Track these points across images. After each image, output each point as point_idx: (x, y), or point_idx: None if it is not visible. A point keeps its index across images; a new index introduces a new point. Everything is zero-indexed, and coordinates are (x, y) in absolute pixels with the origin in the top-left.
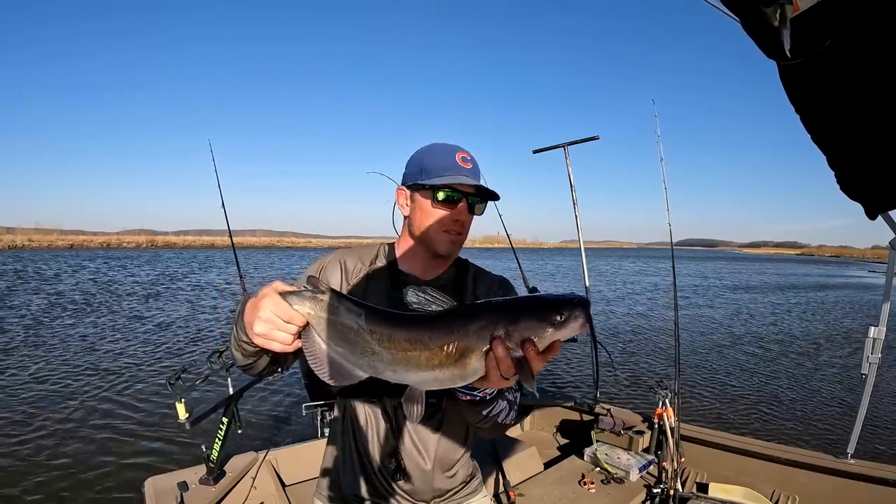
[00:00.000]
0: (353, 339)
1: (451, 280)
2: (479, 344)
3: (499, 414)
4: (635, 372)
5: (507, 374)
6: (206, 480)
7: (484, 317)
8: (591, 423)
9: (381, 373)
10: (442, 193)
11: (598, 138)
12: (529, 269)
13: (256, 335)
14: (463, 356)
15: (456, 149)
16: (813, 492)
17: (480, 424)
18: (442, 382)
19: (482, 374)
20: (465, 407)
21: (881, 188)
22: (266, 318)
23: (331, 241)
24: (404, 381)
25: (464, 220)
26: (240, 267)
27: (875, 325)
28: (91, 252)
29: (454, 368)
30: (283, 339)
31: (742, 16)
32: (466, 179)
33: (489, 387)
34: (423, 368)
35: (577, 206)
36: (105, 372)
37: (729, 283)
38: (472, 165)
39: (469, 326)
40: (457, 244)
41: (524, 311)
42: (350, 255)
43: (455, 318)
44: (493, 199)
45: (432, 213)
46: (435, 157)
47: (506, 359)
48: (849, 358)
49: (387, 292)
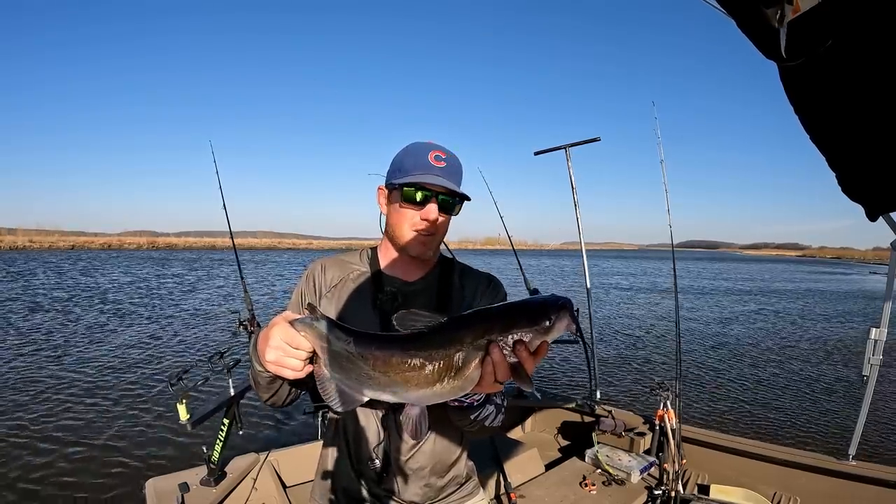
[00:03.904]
0: (349, 367)
1: (435, 280)
2: (474, 354)
3: (486, 417)
4: (636, 373)
5: (503, 378)
6: (207, 481)
7: (478, 326)
8: (592, 424)
9: (382, 395)
10: (409, 192)
11: (600, 139)
12: (530, 270)
13: (268, 363)
14: (460, 369)
15: (431, 147)
16: (814, 493)
17: (468, 428)
18: (442, 397)
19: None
20: (453, 411)
21: (882, 190)
22: (276, 345)
23: (332, 242)
24: (405, 400)
25: (433, 220)
26: (241, 268)
27: (876, 327)
28: (92, 253)
29: (454, 381)
30: (293, 365)
31: (740, 16)
32: (436, 179)
33: (481, 392)
34: (423, 386)
35: (578, 208)
36: (106, 373)
37: (730, 284)
38: (446, 164)
39: (464, 338)
40: (428, 245)
41: (516, 317)
42: (332, 262)
43: (449, 331)
44: (463, 199)
45: (402, 212)
46: (409, 155)
47: (502, 363)
48: (850, 359)
49: (371, 296)
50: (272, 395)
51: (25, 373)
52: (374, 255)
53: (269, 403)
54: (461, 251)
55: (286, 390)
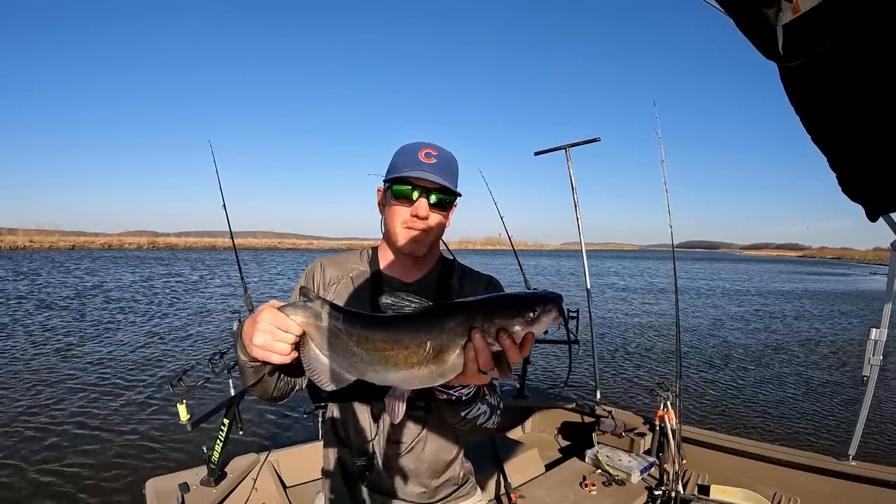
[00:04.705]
0: (335, 342)
1: (434, 282)
2: (456, 340)
3: (478, 416)
4: (636, 374)
5: (486, 367)
6: (207, 482)
7: (461, 313)
8: (592, 424)
9: (364, 374)
10: (397, 188)
11: (600, 140)
12: (530, 271)
13: (255, 346)
14: (441, 353)
15: (422, 145)
16: (814, 493)
17: (460, 426)
18: (422, 381)
19: (460, 371)
20: (443, 407)
21: (882, 190)
22: (265, 328)
23: (333, 242)
24: (386, 381)
25: (423, 216)
26: (241, 268)
27: (876, 328)
28: (92, 253)
29: (432, 366)
30: (281, 349)
31: (739, 16)
32: (424, 174)
33: (466, 383)
34: (402, 367)
35: (578, 208)
36: (107, 373)
37: (730, 285)
38: (436, 161)
39: (446, 323)
40: (420, 242)
41: (500, 308)
42: (332, 261)
43: (431, 316)
44: (452, 195)
45: (394, 209)
46: (401, 154)
47: (484, 350)
48: (850, 360)
49: (369, 296)
50: (257, 382)
51: (26, 372)
52: (374, 255)
53: (257, 394)
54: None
55: (274, 380)
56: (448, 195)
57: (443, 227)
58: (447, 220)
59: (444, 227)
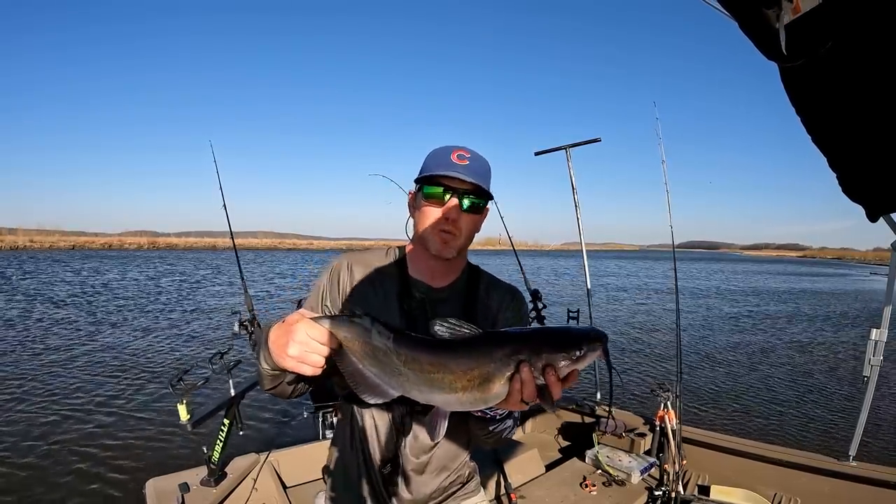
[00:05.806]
0: (383, 360)
1: (463, 289)
2: (503, 370)
3: (504, 430)
4: (637, 374)
5: (530, 399)
6: (207, 482)
7: (511, 344)
8: (592, 425)
9: (410, 392)
10: (428, 188)
11: (600, 140)
12: (530, 271)
13: (289, 357)
14: (487, 381)
15: (455, 147)
16: (814, 494)
17: (485, 438)
18: (464, 405)
19: (503, 399)
20: (475, 421)
21: (882, 190)
22: (301, 339)
23: (333, 242)
24: (430, 401)
25: (455, 219)
26: (241, 268)
27: (877, 328)
28: (93, 253)
29: (477, 392)
30: (315, 360)
31: (741, 17)
32: (455, 173)
33: (506, 409)
34: (447, 391)
35: (578, 208)
36: (107, 373)
37: (730, 285)
38: (469, 162)
39: (494, 353)
40: (450, 244)
41: (548, 343)
42: (359, 260)
43: (480, 344)
44: (484, 196)
45: (424, 210)
46: (433, 156)
47: (530, 384)
48: (850, 360)
49: (397, 299)
50: (276, 387)
51: (26, 372)
52: (401, 255)
53: (273, 394)
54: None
55: (293, 385)
56: (480, 197)
57: (474, 231)
58: (479, 223)
59: (475, 230)
